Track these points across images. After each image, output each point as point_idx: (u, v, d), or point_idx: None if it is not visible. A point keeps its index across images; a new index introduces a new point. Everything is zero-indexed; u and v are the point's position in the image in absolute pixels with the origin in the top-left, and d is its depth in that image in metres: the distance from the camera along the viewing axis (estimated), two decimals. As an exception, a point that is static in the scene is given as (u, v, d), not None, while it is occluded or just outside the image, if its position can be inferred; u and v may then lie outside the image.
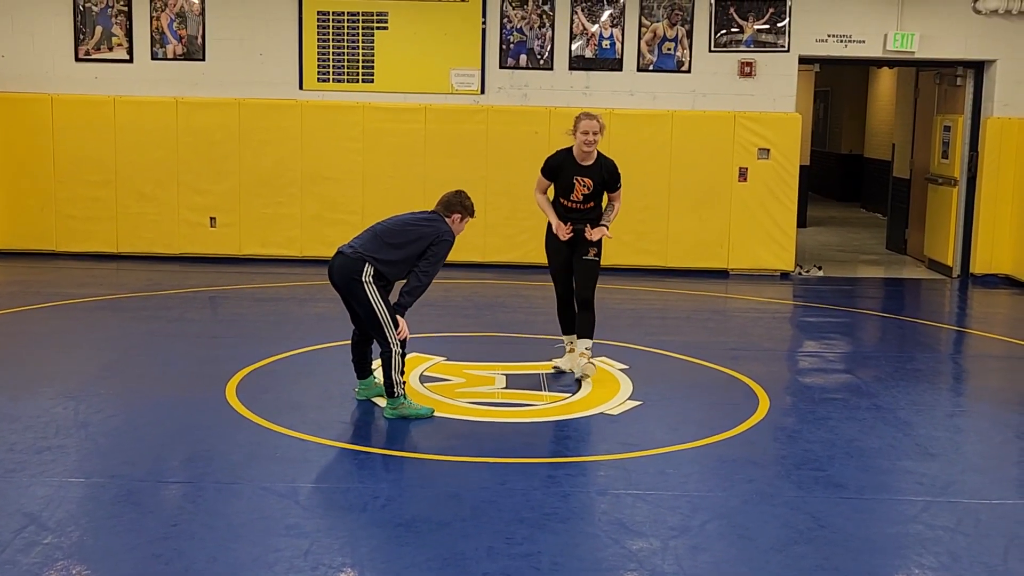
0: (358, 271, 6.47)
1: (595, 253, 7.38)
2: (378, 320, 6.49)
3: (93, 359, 7.95)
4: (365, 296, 6.46)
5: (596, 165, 7.33)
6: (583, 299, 7.38)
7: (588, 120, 7.22)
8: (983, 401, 7.63)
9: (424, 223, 6.68)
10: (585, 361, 7.31)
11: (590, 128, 7.20)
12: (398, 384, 6.56)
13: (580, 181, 7.30)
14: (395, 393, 6.56)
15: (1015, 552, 4.83)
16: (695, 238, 12.36)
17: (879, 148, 19.27)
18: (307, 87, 12.37)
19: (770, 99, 12.30)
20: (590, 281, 7.38)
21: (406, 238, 6.57)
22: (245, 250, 12.41)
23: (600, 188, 7.37)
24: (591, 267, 7.39)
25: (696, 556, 4.71)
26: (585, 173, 7.32)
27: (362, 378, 6.93)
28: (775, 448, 6.29)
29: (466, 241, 12.30)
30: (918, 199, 14.02)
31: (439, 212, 6.81)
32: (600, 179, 7.33)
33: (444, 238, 6.62)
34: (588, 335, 7.38)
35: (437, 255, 6.59)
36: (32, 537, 4.74)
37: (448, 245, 6.65)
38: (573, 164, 7.33)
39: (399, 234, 6.59)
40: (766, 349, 9.04)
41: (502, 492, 5.41)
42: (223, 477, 5.60)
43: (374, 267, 6.48)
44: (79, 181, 12.34)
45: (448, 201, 6.83)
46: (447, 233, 6.66)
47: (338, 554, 4.71)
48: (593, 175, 7.32)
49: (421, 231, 6.60)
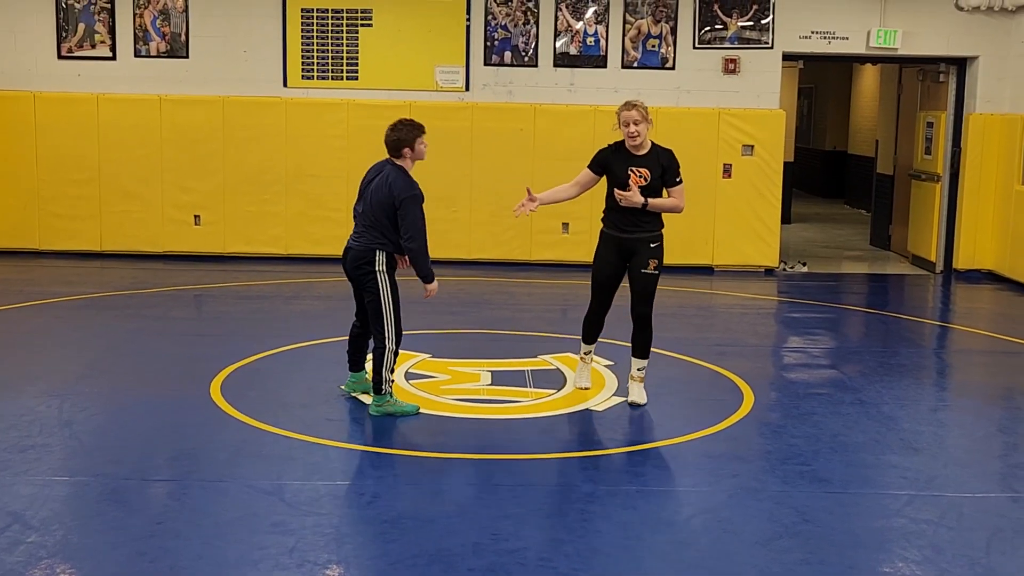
0: (370, 261, 6.45)
1: (655, 266, 6.72)
2: (382, 314, 6.47)
3: (77, 357, 7.92)
4: (376, 287, 6.45)
5: (652, 154, 6.66)
6: (638, 315, 6.81)
7: (627, 111, 6.59)
8: (966, 396, 7.67)
9: (386, 188, 6.42)
10: (640, 385, 6.91)
11: (630, 119, 6.56)
12: (387, 381, 6.53)
13: (636, 172, 6.60)
14: (383, 390, 6.54)
15: (997, 545, 4.87)
16: (680, 234, 12.32)
17: (863, 144, 19.34)
18: (291, 84, 12.34)
19: (754, 95, 12.33)
20: (647, 296, 6.79)
21: (385, 211, 6.41)
22: (230, 248, 12.38)
23: (659, 182, 6.67)
24: (649, 281, 6.76)
25: (681, 551, 4.72)
26: (641, 163, 6.63)
27: (354, 371, 6.91)
28: (760, 443, 6.31)
29: (451, 238, 12.35)
30: (902, 195, 14.08)
31: (392, 160, 6.57)
32: (658, 170, 6.64)
33: (403, 197, 6.36)
34: (644, 355, 6.89)
35: (408, 218, 6.36)
36: (16, 536, 4.72)
37: (412, 200, 6.37)
38: (626, 155, 6.67)
39: (380, 208, 6.41)
40: (751, 345, 9.06)
41: (488, 488, 5.41)
42: (208, 475, 5.59)
43: (384, 252, 6.44)
44: (62, 179, 12.29)
45: (391, 143, 6.52)
46: (404, 189, 6.38)
47: (324, 551, 4.71)
48: (650, 165, 6.63)
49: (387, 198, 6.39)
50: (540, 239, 12.39)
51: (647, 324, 6.87)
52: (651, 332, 6.90)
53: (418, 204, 6.43)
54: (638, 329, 6.88)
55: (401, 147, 6.52)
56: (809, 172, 22.32)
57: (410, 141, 6.51)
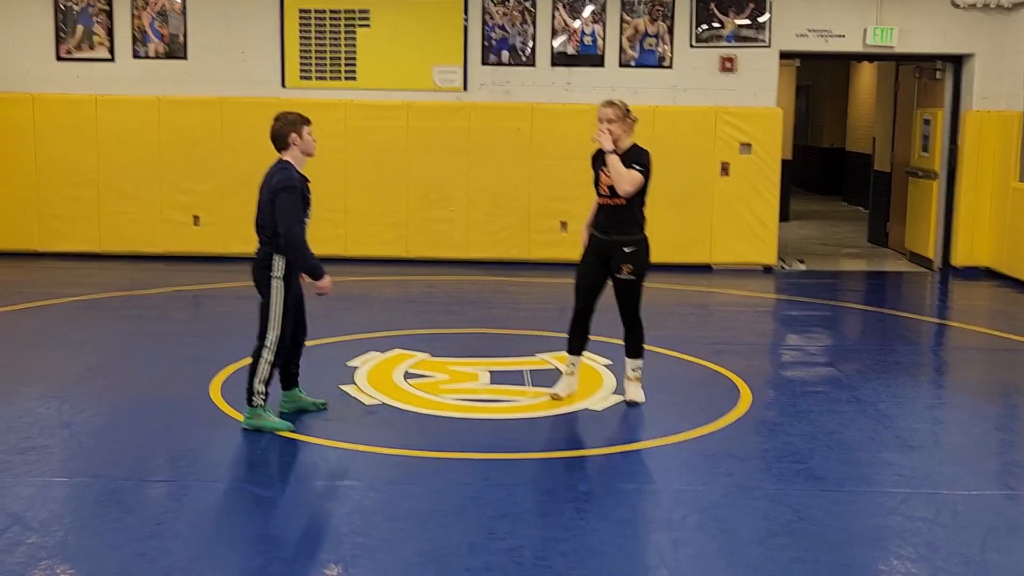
0: (268, 266, 6.20)
1: (629, 271, 6.71)
2: (268, 322, 6.19)
3: (76, 359, 7.94)
4: (269, 293, 6.19)
5: (625, 155, 6.67)
6: (624, 317, 6.83)
7: (602, 108, 6.65)
8: (963, 393, 7.70)
9: (266, 188, 6.21)
10: (636, 384, 6.90)
11: (603, 116, 6.62)
12: (258, 394, 6.18)
13: (605, 172, 6.69)
14: (253, 403, 6.20)
15: (992, 543, 4.89)
16: (677, 233, 12.40)
17: (860, 142, 19.36)
18: (289, 85, 12.37)
19: (751, 94, 12.35)
20: (628, 302, 6.78)
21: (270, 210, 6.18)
22: (229, 248, 12.38)
23: None
24: (624, 286, 6.75)
25: (677, 550, 4.75)
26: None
27: (285, 389, 6.61)
28: (756, 442, 6.33)
29: (449, 237, 12.38)
30: (899, 192, 14.11)
31: (279, 159, 6.34)
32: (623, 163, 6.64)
33: (277, 189, 6.13)
34: (635, 355, 6.90)
35: (280, 210, 6.11)
36: (16, 537, 4.75)
37: (285, 191, 6.12)
38: (603, 155, 6.72)
39: (266, 208, 6.19)
40: (748, 343, 9.09)
41: (485, 488, 5.44)
42: (207, 476, 5.62)
43: (283, 258, 6.20)
44: (61, 181, 12.32)
45: (273, 134, 6.31)
46: (279, 181, 6.14)
47: (321, 551, 4.73)
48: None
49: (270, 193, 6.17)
50: (538, 238, 12.41)
51: (635, 326, 6.86)
52: (641, 332, 6.89)
53: (293, 195, 6.14)
54: (627, 331, 6.89)
55: (285, 135, 6.25)
56: (807, 169, 22.35)
57: (295, 127, 6.24)
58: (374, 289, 11.06)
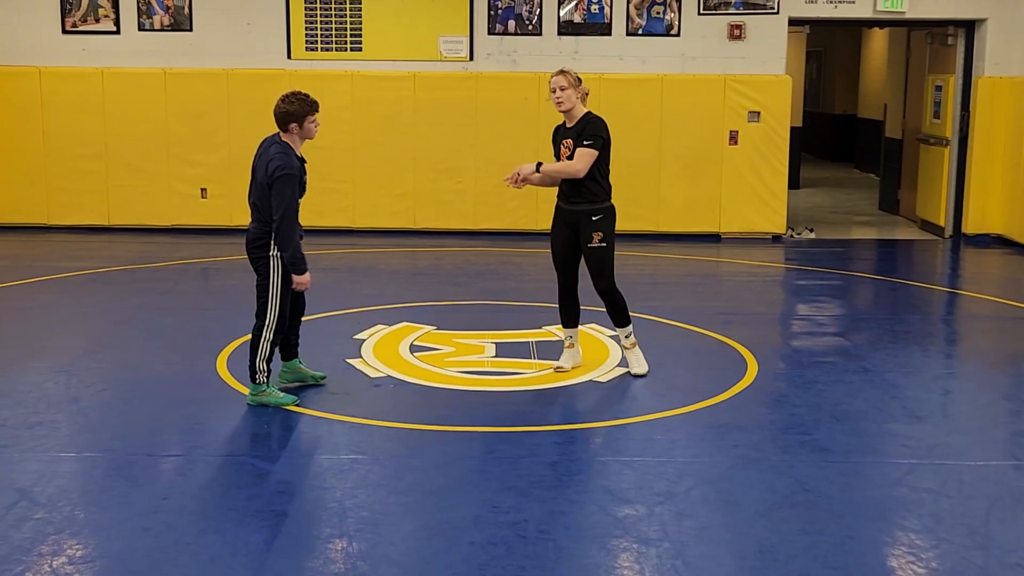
0: (264, 244, 6.15)
1: (600, 239, 6.64)
2: (267, 299, 6.18)
3: (84, 333, 7.97)
4: (267, 271, 6.16)
5: (578, 123, 6.64)
6: (599, 290, 6.77)
7: (554, 77, 6.57)
8: (972, 363, 7.67)
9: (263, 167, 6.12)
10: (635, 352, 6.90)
11: (555, 84, 6.55)
12: (260, 371, 6.20)
13: (564, 144, 6.69)
14: (256, 380, 6.22)
15: (997, 513, 4.88)
16: (686, 202, 12.35)
17: (872, 108, 19.22)
18: (295, 56, 12.32)
19: (760, 62, 12.25)
20: (601, 271, 6.70)
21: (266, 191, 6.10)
22: (236, 221, 12.36)
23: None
24: (596, 256, 6.68)
25: (681, 522, 4.75)
26: (567, 135, 6.68)
27: (285, 360, 6.58)
28: (762, 413, 6.32)
29: (455, 209, 12.36)
30: (910, 159, 14.01)
31: (277, 136, 6.24)
32: (576, 136, 6.62)
33: (276, 176, 6.04)
34: (621, 323, 6.86)
35: (277, 197, 6.03)
36: (24, 512, 4.78)
37: (284, 179, 6.04)
38: (562, 129, 6.76)
39: (262, 188, 6.12)
40: (756, 313, 9.06)
41: (490, 461, 5.45)
42: (214, 450, 5.64)
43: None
44: (69, 154, 12.32)
45: (279, 116, 6.19)
46: (279, 168, 6.04)
47: (327, 524, 4.75)
48: (572, 135, 6.64)
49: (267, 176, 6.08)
50: (545, 209, 12.26)
51: (612, 297, 6.79)
52: (621, 301, 6.82)
53: (290, 183, 6.07)
54: (606, 303, 6.84)
55: (288, 121, 6.17)
56: (818, 136, 22.21)
57: (299, 117, 6.17)
58: (381, 261, 11.06)
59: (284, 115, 6.19)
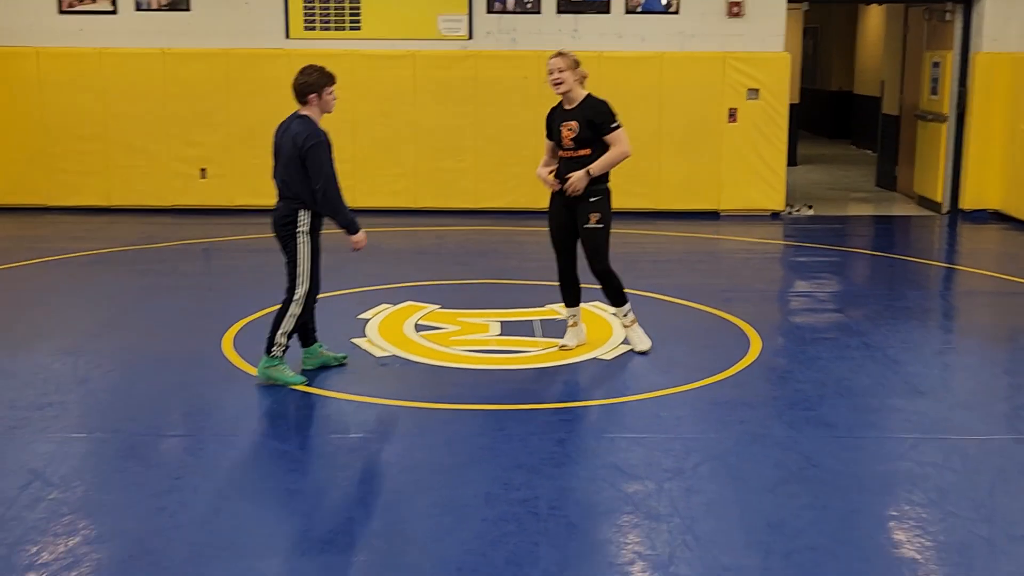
0: (292, 221, 6.22)
1: (597, 219, 6.70)
2: (296, 275, 6.27)
3: (89, 314, 8.00)
4: (295, 248, 6.24)
5: (581, 106, 6.71)
6: (595, 272, 6.81)
7: (553, 59, 6.64)
8: (972, 338, 7.72)
9: (290, 142, 6.17)
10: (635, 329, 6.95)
11: (554, 66, 6.61)
12: (279, 344, 6.24)
13: (566, 127, 6.70)
14: (273, 352, 6.25)
15: (1002, 487, 4.94)
16: (685, 180, 12.38)
17: (869, 85, 19.22)
18: (294, 36, 12.30)
19: (759, 39, 12.25)
20: (596, 252, 6.76)
21: (296, 165, 6.16)
22: (237, 201, 12.40)
23: (590, 132, 6.67)
24: (592, 236, 6.74)
25: (690, 497, 4.81)
26: (569, 117, 6.71)
27: (306, 346, 6.61)
28: (766, 389, 6.38)
29: (457, 187, 12.37)
30: (907, 136, 14.04)
31: (297, 113, 6.31)
32: (584, 120, 6.66)
33: (307, 145, 6.11)
34: (618, 303, 6.92)
35: (314, 166, 6.12)
36: (37, 493, 4.81)
37: (317, 147, 6.11)
38: (560, 111, 6.79)
39: (291, 164, 6.16)
40: (757, 290, 9.11)
41: (499, 438, 5.49)
42: (223, 430, 5.68)
43: (308, 211, 6.22)
44: (68, 135, 12.31)
45: (298, 87, 6.25)
46: (308, 138, 6.12)
47: (339, 502, 4.80)
48: (577, 117, 6.68)
49: (293, 152, 6.14)
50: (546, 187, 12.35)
51: (608, 278, 6.83)
52: (616, 282, 6.86)
53: (324, 150, 6.15)
54: (601, 284, 6.89)
55: (307, 92, 6.23)
56: (815, 113, 22.20)
57: (318, 87, 6.22)
58: (384, 241, 11.07)
59: (303, 86, 6.24)
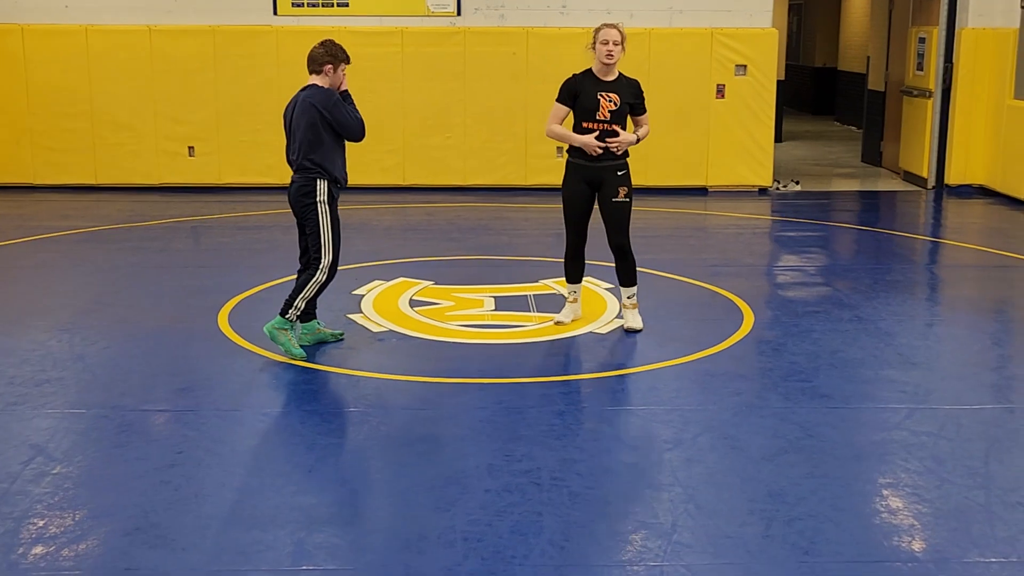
0: (311, 192, 6.33)
1: (626, 193, 6.71)
2: (321, 244, 6.36)
3: (83, 292, 7.99)
4: (316, 219, 6.34)
5: (620, 81, 6.68)
6: (617, 245, 6.79)
7: (608, 28, 6.57)
8: (960, 310, 7.81)
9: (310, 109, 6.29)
10: (634, 311, 6.93)
11: (610, 37, 6.54)
12: (296, 308, 6.33)
13: (605, 96, 6.60)
14: (287, 315, 6.34)
15: (995, 455, 5.02)
16: (674, 156, 12.41)
17: (853, 61, 19.29)
18: (281, 12, 12.24)
19: (747, 15, 12.28)
20: (622, 226, 6.76)
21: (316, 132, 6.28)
22: (225, 179, 12.37)
23: (627, 108, 6.70)
24: (621, 209, 6.72)
25: (690, 468, 4.87)
26: (611, 89, 6.63)
27: (305, 322, 6.63)
28: (761, 361, 6.44)
29: (445, 164, 12.37)
30: (893, 111, 14.10)
31: (307, 86, 6.42)
32: (629, 98, 6.67)
33: (328, 104, 6.28)
34: (630, 283, 6.90)
35: (340, 117, 6.30)
36: (41, 468, 4.84)
37: (337, 103, 6.30)
38: (594, 80, 6.65)
39: (311, 131, 6.28)
40: (747, 264, 9.17)
41: (499, 411, 5.54)
42: (223, 404, 5.70)
43: (325, 182, 6.33)
44: (54, 112, 12.23)
45: (316, 56, 6.40)
46: (326, 98, 6.29)
47: (341, 475, 4.84)
48: (620, 91, 6.64)
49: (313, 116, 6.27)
50: (534, 164, 12.41)
51: (627, 253, 6.84)
52: (633, 259, 6.89)
53: (344, 102, 6.36)
54: (619, 259, 6.88)
55: (324, 62, 6.36)
56: (799, 89, 22.28)
57: (336, 60, 6.37)
58: (373, 218, 11.09)
59: (321, 55, 6.38)
